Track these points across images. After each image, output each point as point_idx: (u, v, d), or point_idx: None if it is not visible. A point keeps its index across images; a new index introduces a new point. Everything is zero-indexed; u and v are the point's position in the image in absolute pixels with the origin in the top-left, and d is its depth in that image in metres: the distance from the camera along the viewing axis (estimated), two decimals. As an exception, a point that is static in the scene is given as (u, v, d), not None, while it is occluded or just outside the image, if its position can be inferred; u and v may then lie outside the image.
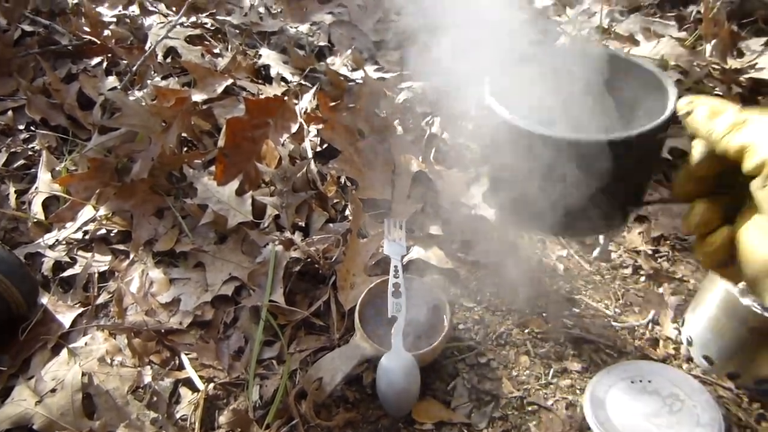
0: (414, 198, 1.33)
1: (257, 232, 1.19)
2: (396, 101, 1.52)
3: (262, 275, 1.13)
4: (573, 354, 1.06)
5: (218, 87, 1.48)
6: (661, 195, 1.34)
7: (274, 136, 1.25)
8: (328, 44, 1.83)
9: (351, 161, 1.31)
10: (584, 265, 1.25)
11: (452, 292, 1.16)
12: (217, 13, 1.94)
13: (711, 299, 1.01)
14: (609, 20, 1.96)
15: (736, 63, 1.64)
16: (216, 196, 1.24)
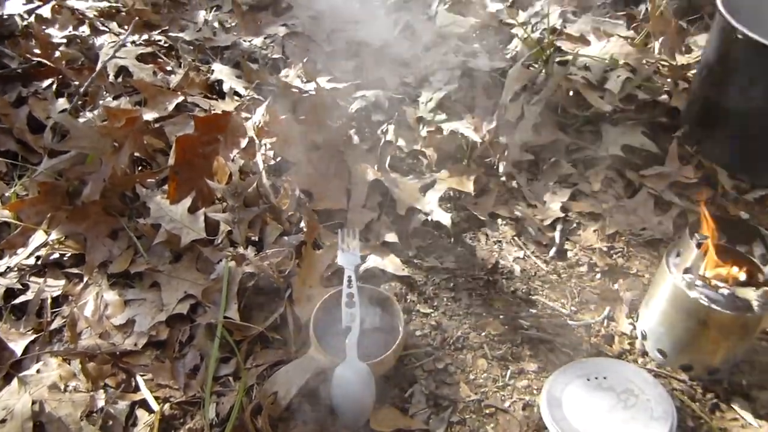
0: (370, 206, 1.34)
1: (211, 248, 1.19)
2: (350, 111, 1.52)
3: (216, 292, 1.13)
4: (529, 354, 1.07)
5: (169, 105, 1.47)
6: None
7: (224, 152, 1.24)
8: (283, 56, 1.82)
9: (304, 173, 1.31)
10: (541, 265, 1.26)
11: (409, 299, 1.16)
12: (170, 29, 1.93)
13: (661, 294, 1.02)
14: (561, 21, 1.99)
15: (683, 59, 1.67)
16: (169, 215, 1.23)
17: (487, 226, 1.34)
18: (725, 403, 1.00)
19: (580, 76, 1.58)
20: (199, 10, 2.13)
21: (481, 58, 1.76)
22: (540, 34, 1.79)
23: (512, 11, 2.07)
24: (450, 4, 2.10)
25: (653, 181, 1.44)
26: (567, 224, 1.35)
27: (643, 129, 1.53)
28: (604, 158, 1.50)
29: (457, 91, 1.64)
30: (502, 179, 1.45)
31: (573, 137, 1.56)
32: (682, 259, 0.99)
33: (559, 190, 1.42)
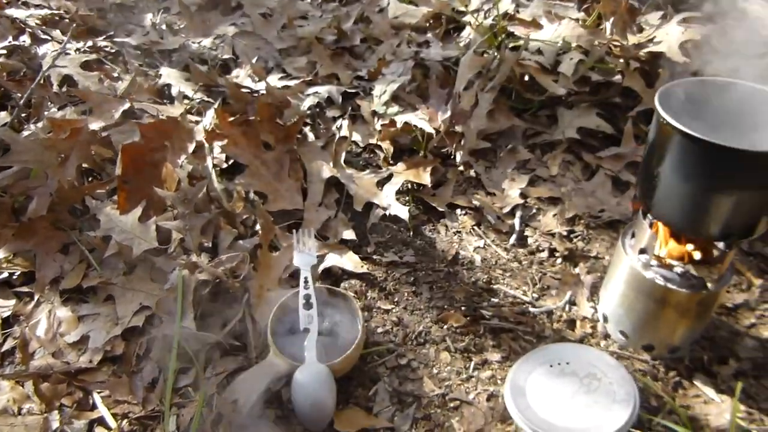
0: (327, 204, 1.32)
1: (164, 258, 1.16)
2: (302, 108, 1.50)
3: (172, 302, 1.10)
4: (492, 345, 1.06)
5: (116, 113, 1.43)
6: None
7: (172, 159, 1.21)
8: (233, 56, 1.79)
9: (258, 174, 1.29)
10: (501, 253, 1.25)
11: (369, 296, 1.15)
12: (116, 35, 1.88)
13: (619, 276, 1.02)
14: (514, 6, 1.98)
15: (635, 38, 1.67)
16: (119, 226, 1.20)
17: (446, 217, 1.33)
18: (687, 380, 1.01)
19: (533, 60, 1.58)
20: (146, 13, 2.09)
21: (433, 47, 1.74)
22: (492, 21, 1.78)
23: (464, -1, 2.06)
24: (402, -6, 2.08)
25: (610, 163, 1.45)
26: (526, 210, 1.35)
27: (598, 110, 1.53)
28: (560, 142, 1.50)
29: (410, 82, 1.63)
30: (459, 169, 1.43)
31: (529, 122, 1.56)
32: (637, 240, 0.99)
33: (517, 177, 1.42)
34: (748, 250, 1.27)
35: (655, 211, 0.89)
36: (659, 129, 0.84)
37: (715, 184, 0.80)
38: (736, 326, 1.11)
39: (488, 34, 1.66)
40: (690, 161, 0.81)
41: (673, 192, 0.85)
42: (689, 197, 0.83)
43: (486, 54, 1.63)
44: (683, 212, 0.85)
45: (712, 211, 0.83)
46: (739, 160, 0.77)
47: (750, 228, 0.85)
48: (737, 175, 0.78)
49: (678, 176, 0.83)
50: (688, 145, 0.79)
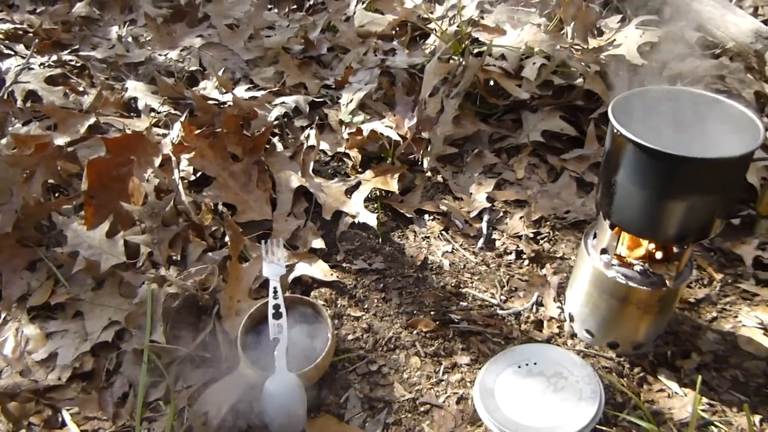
0: (296, 214, 1.32)
1: (131, 272, 1.15)
2: (269, 119, 1.50)
3: (141, 316, 1.09)
4: (462, 348, 1.08)
5: (81, 128, 1.43)
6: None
7: (138, 173, 1.21)
8: (200, 68, 1.79)
9: (226, 186, 1.29)
10: (470, 257, 1.27)
11: (339, 303, 1.16)
12: (81, 48, 1.87)
13: (583, 276, 1.04)
14: (479, 12, 2.01)
15: (595, 42, 1.71)
16: (87, 242, 1.19)
17: (414, 223, 1.34)
18: (652, 375, 1.03)
19: (497, 66, 1.60)
20: (112, 26, 2.08)
21: (399, 55, 1.76)
22: (457, 27, 1.81)
23: (429, 6, 2.08)
24: (368, 2, 2.10)
25: (574, 164, 1.47)
26: (493, 214, 1.36)
27: (561, 113, 1.56)
28: (525, 145, 1.52)
29: (377, 90, 1.65)
30: (427, 175, 1.45)
31: (494, 127, 1.58)
32: (599, 240, 1.01)
33: (484, 181, 1.44)
34: (709, 246, 1.30)
35: (614, 218, 0.92)
36: (613, 139, 0.86)
37: (668, 191, 0.83)
38: (698, 320, 1.14)
39: (452, 40, 1.68)
40: (644, 170, 0.83)
41: (630, 199, 0.87)
42: (645, 204, 0.86)
43: (451, 60, 1.65)
44: (640, 218, 0.87)
45: (667, 216, 0.85)
46: (690, 167, 0.79)
47: (705, 230, 0.88)
48: (689, 181, 0.81)
49: (633, 184, 0.85)
50: (640, 154, 0.81)
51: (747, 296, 1.19)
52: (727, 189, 0.84)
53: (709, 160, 0.79)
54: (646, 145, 0.80)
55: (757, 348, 1.08)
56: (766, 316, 1.14)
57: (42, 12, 2.10)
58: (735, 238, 1.30)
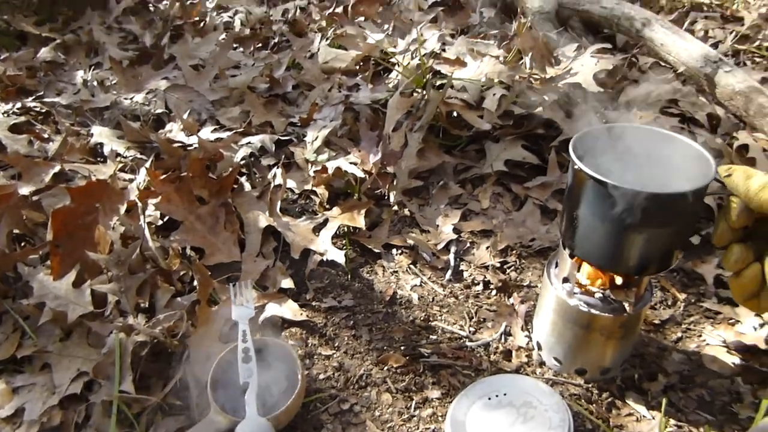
0: (265, 254, 1.33)
1: (99, 322, 1.15)
2: (235, 159, 1.51)
3: (109, 366, 1.09)
4: (432, 382, 1.09)
5: (46, 176, 1.43)
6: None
7: (103, 221, 1.21)
8: (166, 110, 1.80)
9: (193, 230, 1.30)
10: (438, 289, 1.28)
11: (310, 342, 1.16)
12: (45, 94, 1.87)
13: (547, 304, 1.06)
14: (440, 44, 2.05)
15: (553, 71, 1.75)
16: (53, 292, 1.19)
17: (382, 258, 1.35)
18: (620, 399, 1.05)
19: (459, 98, 1.64)
20: (78, 71, 2.09)
21: (363, 90, 1.79)
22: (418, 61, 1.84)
23: (392, 40, 2.12)
24: (332, 39, 2.13)
25: (537, 192, 1.50)
26: (460, 245, 1.38)
27: (523, 142, 1.59)
28: (489, 175, 1.55)
29: (342, 126, 1.67)
30: (393, 209, 1.47)
31: (458, 158, 1.61)
32: (560, 269, 1.03)
33: (450, 212, 1.46)
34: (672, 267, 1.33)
35: (578, 251, 0.94)
36: (574, 175, 0.89)
37: (627, 225, 0.85)
38: (663, 341, 1.16)
39: (414, 75, 1.71)
40: (603, 204, 0.85)
41: (592, 233, 0.90)
42: (606, 237, 0.88)
43: (414, 94, 1.69)
44: (602, 251, 0.90)
45: (628, 249, 0.88)
46: (646, 202, 0.82)
47: (665, 261, 0.90)
48: (646, 215, 0.84)
49: (594, 218, 0.88)
50: (600, 189, 0.84)
51: (710, 314, 1.22)
52: (683, 222, 0.87)
53: (663, 194, 0.81)
54: (604, 181, 0.83)
55: (721, 366, 1.10)
56: (728, 333, 1.16)
57: (6, 58, 2.10)
58: (696, 258, 1.33)
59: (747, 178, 0.75)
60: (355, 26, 2.27)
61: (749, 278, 0.79)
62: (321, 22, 2.42)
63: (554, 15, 2.17)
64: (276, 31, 2.37)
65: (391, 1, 2.54)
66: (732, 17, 2.49)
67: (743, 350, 1.13)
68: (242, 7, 2.64)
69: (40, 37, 2.25)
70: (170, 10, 2.54)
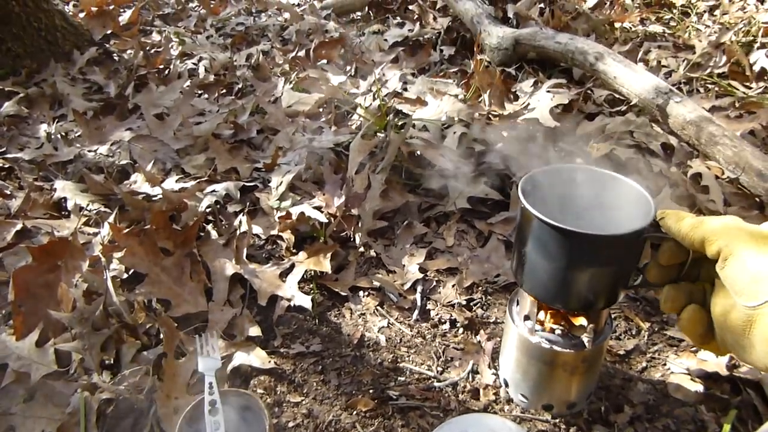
0: (232, 302, 1.33)
1: (63, 381, 1.14)
2: (200, 209, 1.52)
3: (74, 426, 1.08)
4: (401, 425, 1.09)
5: (8, 234, 1.42)
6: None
7: (66, 278, 1.21)
8: (131, 161, 1.81)
9: (158, 282, 1.29)
10: (405, 330, 1.29)
11: (279, 390, 1.16)
12: (8, 150, 1.87)
13: (511, 342, 1.07)
14: (402, 84, 2.09)
15: (511, 107, 1.80)
16: (16, 353, 1.17)
17: (350, 301, 1.36)
18: (587, 433, 1.06)
19: (420, 137, 1.67)
20: (41, 124, 2.09)
21: (326, 133, 1.81)
22: (379, 101, 1.88)
23: (354, 81, 2.16)
24: (295, 82, 2.16)
25: (501, 227, 1.53)
26: (427, 284, 1.40)
27: (484, 179, 1.62)
28: (453, 213, 1.57)
29: (306, 170, 1.69)
30: (360, 250, 1.48)
31: (422, 196, 1.63)
32: (521, 307, 1.05)
33: (416, 251, 1.48)
34: (635, 296, 1.35)
35: (527, 286, 0.96)
36: (522, 214, 0.91)
37: (571, 264, 0.88)
38: (629, 372, 1.18)
39: (375, 116, 1.74)
40: (547, 243, 0.88)
41: (538, 269, 0.92)
42: (552, 274, 0.90)
43: (376, 135, 1.71)
44: (549, 288, 0.92)
45: (573, 287, 0.90)
46: (588, 242, 0.85)
47: (610, 298, 0.93)
48: (588, 255, 0.86)
49: (540, 256, 0.90)
50: (545, 229, 0.86)
51: (673, 342, 1.24)
52: (625, 262, 0.89)
53: (603, 236, 0.84)
54: (548, 221, 0.85)
55: (685, 394, 1.12)
56: (691, 361, 1.19)
57: (-32, 115, 2.10)
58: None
59: (678, 220, 0.79)
60: (318, 69, 2.31)
61: (687, 320, 0.82)
62: (284, 66, 2.46)
63: (512, 51, 2.22)
64: (240, 76, 2.39)
65: (352, 43, 2.59)
66: (684, 46, 2.58)
67: (705, 377, 1.15)
68: (206, 53, 2.66)
69: (2, 92, 2.25)
70: (134, 60, 2.55)
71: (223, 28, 3.11)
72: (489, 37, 2.29)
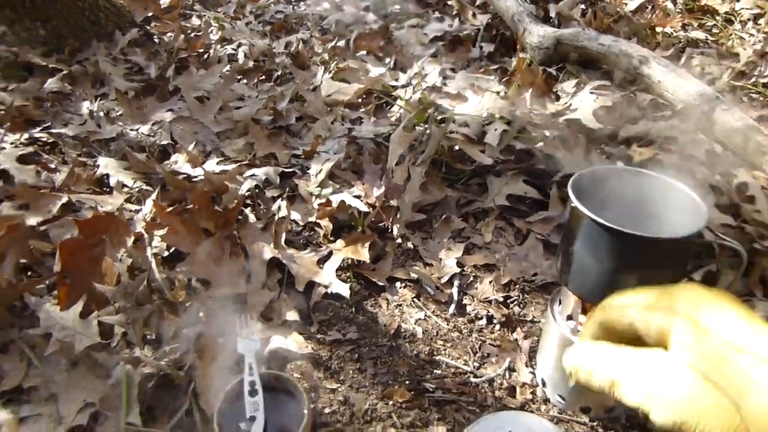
0: (269, 286, 1.34)
1: (106, 353, 1.15)
2: (240, 192, 1.53)
3: (116, 397, 1.09)
4: (437, 417, 1.09)
5: (53, 207, 1.44)
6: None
7: (110, 253, 1.22)
8: (171, 142, 1.82)
9: (199, 261, 1.31)
10: (442, 324, 1.29)
11: (315, 376, 1.17)
12: (53, 125, 1.89)
13: (551, 342, 1.07)
14: (441, 79, 2.09)
15: (553, 107, 1.79)
16: (60, 323, 1.19)
17: (386, 291, 1.36)
18: (624, 437, 1.05)
19: (460, 132, 1.66)
20: (84, 101, 2.11)
21: (365, 124, 1.81)
22: (419, 95, 1.87)
23: (394, 73, 2.16)
24: (334, 72, 2.17)
25: (539, 226, 1.52)
26: (464, 279, 1.40)
27: (524, 177, 1.61)
28: (492, 209, 1.57)
29: (345, 159, 1.69)
30: (397, 242, 1.48)
31: (461, 192, 1.63)
32: (564, 306, 1.04)
33: (453, 246, 1.47)
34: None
35: (572, 286, 0.96)
36: (571, 213, 0.91)
37: (622, 266, 0.87)
38: (666, 379, 1.16)
39: (416, 109, 1.74)
40: (599, 244, 0.87)
41: (586, 269, 0.91)
42: (600, 275, 0.90)
43: (416, 128, 1.71)
44: (595, 288, 0.91)
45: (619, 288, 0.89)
46: (640, 244, 0.84)
47: None
48: (639, 257, 0.86)
49: (589, 256, 0.90)
50: (596, 229, 0.86)
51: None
52: (675, 265, 0.89)
53: (655, 239, 0.83)
54: (600, 221, 0.85)
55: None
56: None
57: (13, 89, 2.12)
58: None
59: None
60: (357, 60, 2.31)
61: None
62: (323, 55, 2.46)
63: (553, 50, 2.21)
64: (279, 63, 2.40)
65: (392, 36, 2.59)
66: (728, 53, 2.54)
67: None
68: (245, 39, 2.68)
69: (46, 68, 2.27)
70: (174, 43, 2.57)
71: (262, 15, 3.12)
72: (530, 36, 2.28)
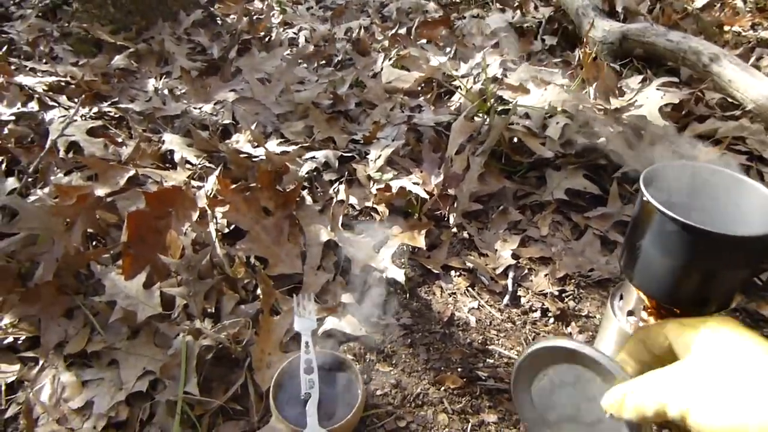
0: (325, 268, 1.36)
1: (167, 324, 1.19)
2: (300, 174, 1.55)
3: (175, 367, 1.12)
4: (489, 406, 1.09)
5: (121, 179, 1.48)
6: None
7: (176, 226, 1.26)
8: (233, 122, 1.85)
9: (258, 240, 1.33)
10: (495, 314, 1.29)
11: (368, 358, 1.18)
12: (119, 101, 1.95)
13: (609, 337, 1.06)
14: (502, 70, 2.07)
15: (617, 102, 1.75)
16: (124, 292, 1.23)
17: (441, 279, 1.37)
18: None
19: (521, 124, 1.65)
20: (149, 78, 2.16)
21: (425, 112, 1.81)
22: (481, 85, 1.86)
23: (454, 63, 2.15)
24: (395, 59, 2.17)
25: (598, 222, 1.50)
26: (519, 271, 1.39)
27: (584, 172, 1.59)
28: (549, 203, 1.55)
29: (404, 146, 1.69)
30: (453, 231, 1.48)
31: (519, 184, 1.62)
32: (625, 302, 1.03)
33: (509, 237, 1.47)
34: (734, 307, 1.31)
35: (636, 281, 0.94)
36: (642, 207, 0.89)
37: (692, 263, 0.85)
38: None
39: (478, 99, 1.73)
40: (670, 240, 0.85)
41: (653, 265, 0.90)
42: (668, 272, 0.88)
43: (476, 118, 1.70)
44: (662, 284, 0.90)
45: (688, 286, 0.88)
46: (713, 242, 0.82)
47: (725, 302, 0.89)
48: (711, 255, 0.83)
49: (658, 252, 0.88)
50: (669, 225, 0.84)
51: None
52: (749, 265, 0.86)
53: (730, 237, 0.81)
54: (674, 217, 0.83)
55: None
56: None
57: (84, 64, 2.19)
58: (760, 299, 1.31)
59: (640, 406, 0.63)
60: (418, 48, 2.31)
61: None
62: (384, 42, 2.46)
63: (618, 45, 2.17)
64: (339, 49, 2.42)
65: (453, 26, 2.57)
66: (800, 55, 2.45)
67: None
68: (306, 24, 2.70)
69: (114, 45, 2.34)
70: (238, 24, 2.61)
71: (323, 1, 3.14)
72: (594, 30, 2.24)
